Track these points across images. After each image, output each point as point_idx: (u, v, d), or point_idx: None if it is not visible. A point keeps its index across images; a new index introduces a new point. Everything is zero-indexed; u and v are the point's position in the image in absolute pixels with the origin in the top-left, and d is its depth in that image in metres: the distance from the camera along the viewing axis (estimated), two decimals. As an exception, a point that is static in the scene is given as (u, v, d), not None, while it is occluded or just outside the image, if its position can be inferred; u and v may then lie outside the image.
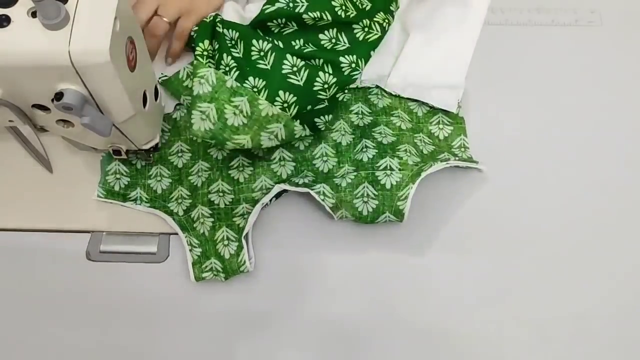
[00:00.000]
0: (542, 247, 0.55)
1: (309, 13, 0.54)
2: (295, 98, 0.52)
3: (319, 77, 0.53)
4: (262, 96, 0.51)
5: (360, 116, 0.58)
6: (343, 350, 0.52)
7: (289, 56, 0.52)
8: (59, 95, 0.37)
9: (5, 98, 0.39)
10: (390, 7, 0.60)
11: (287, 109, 0.52)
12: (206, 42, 0.54)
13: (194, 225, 0.54)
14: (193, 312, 0.52)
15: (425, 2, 0.63)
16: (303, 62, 0.53)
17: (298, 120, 0.53)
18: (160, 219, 0.55)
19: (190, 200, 0.55)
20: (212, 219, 0.54)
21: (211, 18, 0.56)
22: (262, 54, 0.53)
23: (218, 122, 0.50)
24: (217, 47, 0.54)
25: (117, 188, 0.55)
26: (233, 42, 0.54)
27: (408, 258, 0.54)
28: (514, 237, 0.55)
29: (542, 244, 0.55)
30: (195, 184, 0.55)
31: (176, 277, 0.53)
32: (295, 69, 0.52)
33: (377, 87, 0.60)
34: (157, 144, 0.52)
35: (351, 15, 0.56)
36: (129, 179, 0.56)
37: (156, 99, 0.49)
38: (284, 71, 0.52)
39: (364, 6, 0.58)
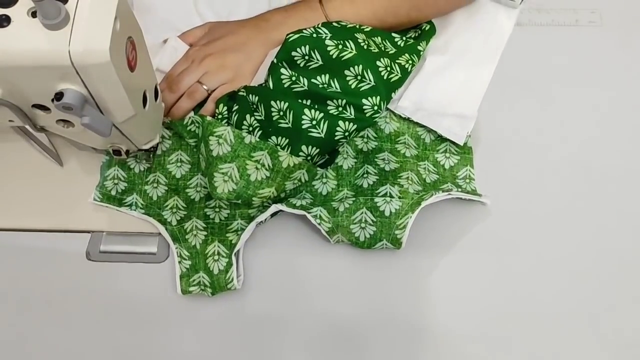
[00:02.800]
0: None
1: (333, 40, 0.53)
2: (317, 150, 0.52)
3: (339, 126, 0.52)
4: (287, 151, 0.51)
5: (365, 140, 0.57)
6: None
7: (307, 110, 0.52)
8: (59, 95, 0.37)
9: (5, 98, 0.39)
10: (419, 47, 0.59)
11: (310, 160, 0.52)
12: (221, 105, 0.55)
13: (186, 237, 0.53)
14: (193, 313, 0.52)
15: (446, 28, 0.62)
16: (322, 114, 0.52)
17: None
18: (160, 219, 0.55)
19: (185, 212, 0.55)
20: (205, 232, 0.53)
21: None
22: (281, 113, 0.52)
23: (241, 181, 0.50)
24: (236, 108, 0.54)
25: (114, 193, 0.55)
26: (254, 106, 0.54)
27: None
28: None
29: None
30: (192, 197, 0.55)
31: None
32: (314, 122, 0.52)
33: (387, 109, 0.59)
34: (157, 144, 0.52)
35: (374, 51, 0.55)
36: (126, 184, 0.55)
37: (156, 99, 0.49)
38: (304, 126, 0.52)
39: (387, 49, 0.56)
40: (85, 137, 0.48)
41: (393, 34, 0.58)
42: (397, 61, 0.56)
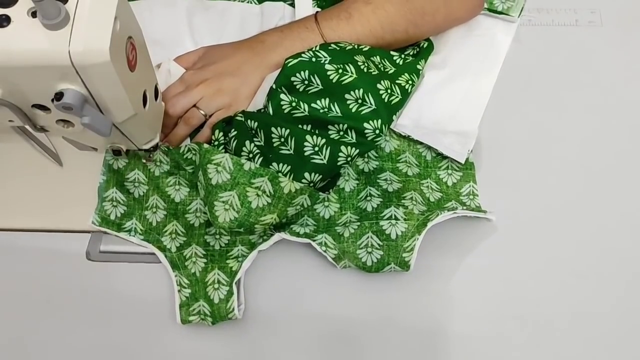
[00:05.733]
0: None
1: (333, 64, 0.52)
2: (320, 176, 0.51)
3: (342, 151, 0.51)
4: (289, 178, 0.50)
5: (366, 160, 0.56)
6: None
7: (308, 137, 0.51)
8: (59, 95, 0.37)
9: (5, 98, 0.39)
10: (418, 66, 0.58)
11: (312, 185, 0.51)
12: (217, 131, 0.53)
13: (186, 264, 0.53)
14: (193, 312, 0.52)
15: (444, 44, 0.62)
16: (324, 140, 0.51)
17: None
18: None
19: (184, 238, 0.54)
20: (204, 260, 0.53)
21: None
22: (282, 139, 0.51)
23: (242, 209, 0.49)
24: (235, 133, 0.52)
25: (112, 217, 0.54)
26: (253, 131, 0.53)
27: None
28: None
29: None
30: (192, 223, 0.54)
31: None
32: (317, 148, 0.51)
33: None
34: (157, 144, 0.52)
35: (373, 73, 0.54)
36: (125, 208, 0.54)
37: (156, 99, 0.49)
38: (306, 153, 0.51)
39: (386, 69, 0.56)
40: (85, 137, 0.48)
41: (392, 52, 0.57)
42: (397, 82, 0.56)
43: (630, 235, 0.56)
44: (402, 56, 0.58)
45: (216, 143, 0.53)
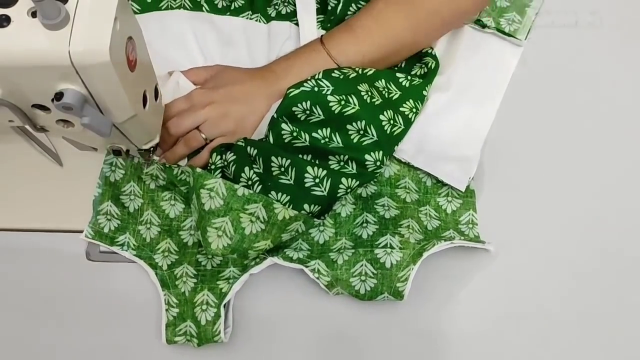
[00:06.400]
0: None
1: (335, 95, 0.52)
2: (320, 207, 0.51)
3: (342, 183, 0.51)
4: (288, 208, 0.49)
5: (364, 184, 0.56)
6: None
7: (309, 168, 0.51)
8: (59, 95, 0.37)
9: (5, 98, 0.39)
10: (424, 92, 0.57)
11: (310, 215, 0.51)
12: (214, 155, 0.53)
13: (176, 283, 0.52)
14: (192, 313, 0.52)
15: (449, 64, 0.61)
16: (324, 172, 0.51)
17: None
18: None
19: (177, 256, 0.53)
20: (195, 280, 0.52)
21: None
22: (282, 169, 0.51)
23: (236, 235, 0.48)
24: (234, 158, 0.52)
25: (106, 230, 0.53)
26: (252, 158, 0.52)
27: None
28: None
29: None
30: (185, 241, 0.54)
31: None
32: (317, 180, 0.50)
33: None
34: (157, 144, 0.52)
35: (376, 103, 0.53)
36: (119, 222, 0.54)
37: (156, 99, 0.49)
38: (307, 184, 0.50)
39: (390, 95, 0.55)
40: (85, 137, 0.48)
41: (397, 74, 0.56)
42: (401, 110, 0.55)
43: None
44: (409, 78, 0.57)
45: (213, 167, 0.52)
